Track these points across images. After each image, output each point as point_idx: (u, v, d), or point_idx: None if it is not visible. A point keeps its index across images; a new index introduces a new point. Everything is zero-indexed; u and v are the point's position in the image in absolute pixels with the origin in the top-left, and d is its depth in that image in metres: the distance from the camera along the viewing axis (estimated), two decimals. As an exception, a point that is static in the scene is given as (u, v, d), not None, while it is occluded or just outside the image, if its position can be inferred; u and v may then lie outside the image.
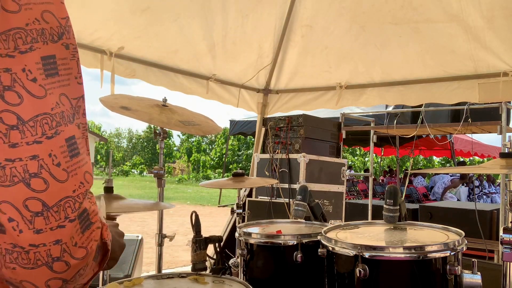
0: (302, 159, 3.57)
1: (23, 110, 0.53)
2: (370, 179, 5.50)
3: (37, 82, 0.55)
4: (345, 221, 2.60)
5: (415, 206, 5.48)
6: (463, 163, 12.74)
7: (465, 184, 10.38)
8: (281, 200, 3.60)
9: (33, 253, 0.53)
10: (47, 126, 0.55)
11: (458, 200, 9.83)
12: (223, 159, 33.70)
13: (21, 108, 0.53)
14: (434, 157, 27.97)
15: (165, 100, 2.18)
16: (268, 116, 4.49)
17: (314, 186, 3.59)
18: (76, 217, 0.57)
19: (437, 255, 1.44)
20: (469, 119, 3.87)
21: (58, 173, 0.55)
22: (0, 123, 0.52)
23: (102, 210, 1.32)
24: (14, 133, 0.52)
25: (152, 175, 2.40)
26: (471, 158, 14.95)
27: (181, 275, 1.60)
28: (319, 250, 1.66)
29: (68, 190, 0.57)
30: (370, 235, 1.77)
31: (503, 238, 1.73)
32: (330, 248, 1.58)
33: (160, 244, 2.40)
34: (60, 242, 0.55)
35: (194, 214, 1.68)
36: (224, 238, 3.77)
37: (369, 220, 4.13)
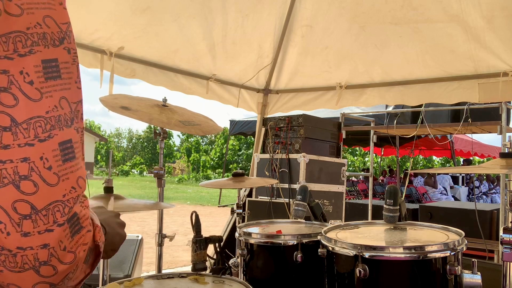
0: (302, 159, 3.57)
1: (18, 112, 0.53)
2: (370, 179, 5.50)
3: (34, 85, 0.55)
4: (345, 221, 2.60)
5: (415, 206, 5.49)
6: (469, 162, 12.74)
7: (465, 184, 10.42)
8: (281, 200, 3.60)
9: (20, 256, 0.53)
10: (40, 129, 0.55)
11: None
12: (223, 159, 33.69)
13: (15, 110, 0.53)
14: (434, 157, 27.98)
15: (165, 100, 2.18)
16: (268, 116, 4.49)
17: (314, 186, 3.59)
18: (65, 222, 0.57)
19: (437, 255, 1.44)
20: (469, 119, 3.87)
21: (49, 177, 0.55)
22: None
23: (110, 208, 1.32)
24: (7, 134, 0.53)
25: (152, 175, 2.39)
26: (471, 158, 14.93)
27: (181, 275, 1.60)
28: (319, 250, 1.66)
29: (58, 194, 0.56)
30: (370, 235, 1.77)
31: (503, 238, 1.73)
32: (330, 248, 1.58)
33: (160, 244, 2.40)
34: (47, 246, 0.55)
35: (194, 214, 1.68)
36: (224, 238, 3.77)
37: (369, 220, 4.12)
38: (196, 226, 1.68)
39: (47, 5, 0.57)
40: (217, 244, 1.74)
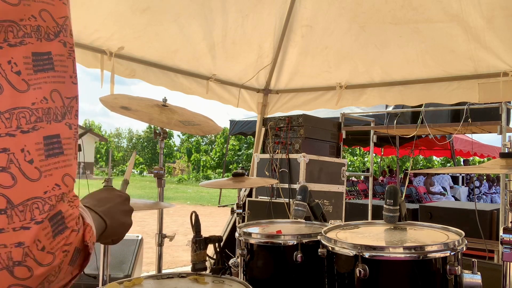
0: (302, 159, 3.57)
1: (1, 101, 0.52)
2: (370, 179, 5.50)
3: (21, 75, 0.53)
4: (345, 221, 2.60)
5: (415, 206, 5.48)
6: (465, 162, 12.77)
7: (465, 184, 10.44)
8: (281, 200, 3.60)
9: None
10: (24, 120, 0.53)
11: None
12: (223, 159, 33.68)
13: None
14: (434, 157, 27.98)
15: (165, 100, 2.18)
16: (268, 116, 4.49)
17: (314, 186, 3.59)
18: (44, 219, 0.53)
19: (437, 255, 1.44)
20: (469, 119, 3.87)
21: (29, 171, 0.52)
22: None
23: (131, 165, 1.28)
24: None
25: (152, 175, 2.39)
26: (471, 158, 14.93)
27: (181, 275, 1.60)
28: (319, 250, 1.66)
29: (39, 190, 0.53)
30: (370, 235, 1.77)
31: (503, 238, 1.73)
32: (330, 248, 1.58)
33: (160, 244, 2.40)
34: (22, 245, 0.51)
35: (194, 214, 1.68)
36: (224, 238, 3.77)
37: (369, 220, 4.12)
38: (196, 226, 1.68)
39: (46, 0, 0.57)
40: (217, 244, 1.74)
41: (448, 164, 23.98)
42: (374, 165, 8.37)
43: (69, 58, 0.60)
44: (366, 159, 32.60)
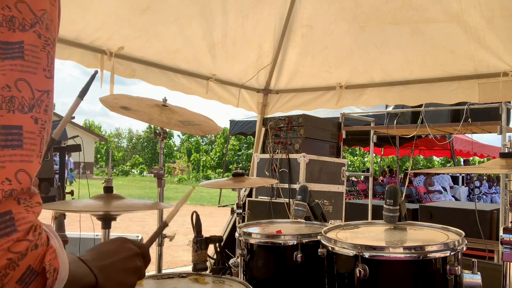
0: (302, 159, 3.57)
1: None
2: (370, 179, 5.50)
3: None
4: (345, 221, 2.60)
5: (415, 206, 5.48)
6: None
7: (465, 184, 10.45)
8: (281, 200, 3.60)
9: None
10: None
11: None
12: (223, 159, 33.69)
13: None
14: (434, 157, 27.98)
15: (165, 100, 2.18)
16: (268, 116, 4.49)
17: (314, 186, 3.59)
18: None
19: (437, 255, 1.44)
20: (469, 119, 3.87)
21: None
22: None
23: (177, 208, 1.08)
24: None
25: (152, 175, 2.39)
26: (471, 158, 14.93)
27: (181, 275, 1.60)
28: (319, 250, 1.66)
29: None
30: (370, 235, 1.77)
31: (503, 238, 1.73)
32: (330, 248, 1.58)
33: (160, 244, 2.41)
34: None
35: (194, 214, 1.68)
36: (224, 238, 3.76)
37: (369, 220, 4.12)
38: (197, 226, 1.68)
39: None
40: (217, 244, 1.74)
41: (448, 164, 23.98)
42: (374, 165, 8.37)
43: (43, 51, 0.58)
44: (366, 159, 32.60)
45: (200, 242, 1.65)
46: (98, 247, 0.81)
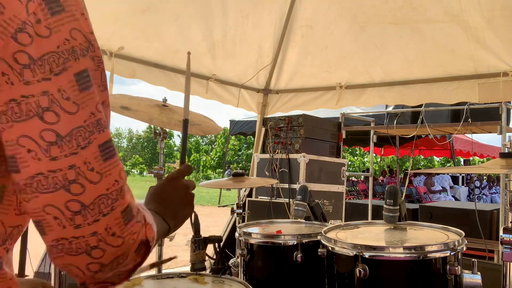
0: (302, 159, 3.57)
1: (61, 127, 0.61)
2: (370, 179, 5.49)
3: (71, 99, 0.62)
4: (345, 221, 2.60)
5: (415, 206, 5.48)
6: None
7: (465, 184, 10.44)
8: (281, 200, 3.60)
9: (75, 244, 0.63)
10: (81, 138, 0.63)
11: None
12: (223, 159, 33.67)
13: (58, 125, 0.61)
14: (434, 157, 27.97)
15: (165, 100, 2.18)
16: (268, 116, 4.48)
17: (314, 186, 3.59)
18: (109, 212, 0.65)
19: (437, 255, 1.44)
20: (469, 119, 3.87)
21: (92, 177, 0.63)
22: (41, 141, 0.60)
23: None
24: (54, 148, 0.61)
25: (152, 175, 2.39)
26: (471, 158, 14.93)
27: (181, 275, 1.60)
28: (319, 250, 1.66)
29: (102, 189, 0.64)
30: (370, 235, 1.77)
31: (503, 238, 1.73)
32: (330, 248, 1.58)
33: (160, 244, 2.40)
34: (96, 234, 0.64)
35: (193, 214, 1.68)
36: (224, 238, 3.77)
37: (369, 220, 4.12)
38: (195, 226, 1.67)
39: (71, 17, 0.63)
40: (216, 244, 1.74)
41: (448, 164, 23.98)
42: (374, 165, 8.38)
43: (97, 70, 0.67)
44: (366, 159, 32.60)
45: (198, 242, 1.65)
46: (157, 193, 0.97)
